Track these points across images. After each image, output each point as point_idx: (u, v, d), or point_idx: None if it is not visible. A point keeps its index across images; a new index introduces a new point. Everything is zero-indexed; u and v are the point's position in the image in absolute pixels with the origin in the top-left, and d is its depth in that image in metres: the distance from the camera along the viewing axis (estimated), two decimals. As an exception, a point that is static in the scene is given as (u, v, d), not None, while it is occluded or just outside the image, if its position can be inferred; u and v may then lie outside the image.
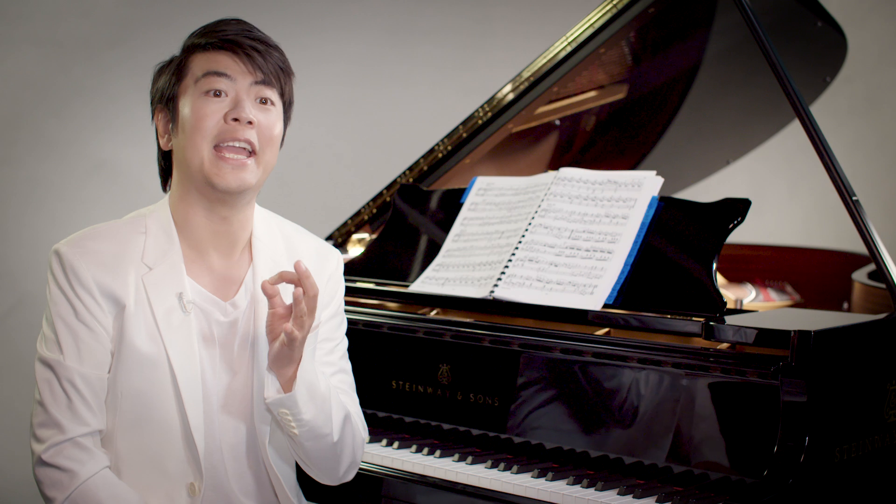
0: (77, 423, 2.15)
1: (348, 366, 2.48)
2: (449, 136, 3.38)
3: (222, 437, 2.26)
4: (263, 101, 2.22)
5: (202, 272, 2.26)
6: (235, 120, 2.18)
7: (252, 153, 2.21)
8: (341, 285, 2.46)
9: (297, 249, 2.38)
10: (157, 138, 2.29)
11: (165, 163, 2.31)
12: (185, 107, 2.20)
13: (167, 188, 2.32)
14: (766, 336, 2.37)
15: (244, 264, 2.31)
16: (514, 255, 2.78)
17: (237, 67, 2.19)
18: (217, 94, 2.18)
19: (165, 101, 2.23)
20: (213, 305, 2.25)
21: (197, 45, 2.21)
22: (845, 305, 3.68)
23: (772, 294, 3.71)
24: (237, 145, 2.19)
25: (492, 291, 2.74)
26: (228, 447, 2.27)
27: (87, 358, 2.17)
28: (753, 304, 3.47)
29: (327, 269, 2.42)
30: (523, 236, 2.80)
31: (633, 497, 2.38)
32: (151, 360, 2.19)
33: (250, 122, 2.19)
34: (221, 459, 2.27)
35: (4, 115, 4.50)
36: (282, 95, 2.25)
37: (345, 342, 2.48)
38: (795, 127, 3.15)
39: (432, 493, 2.56)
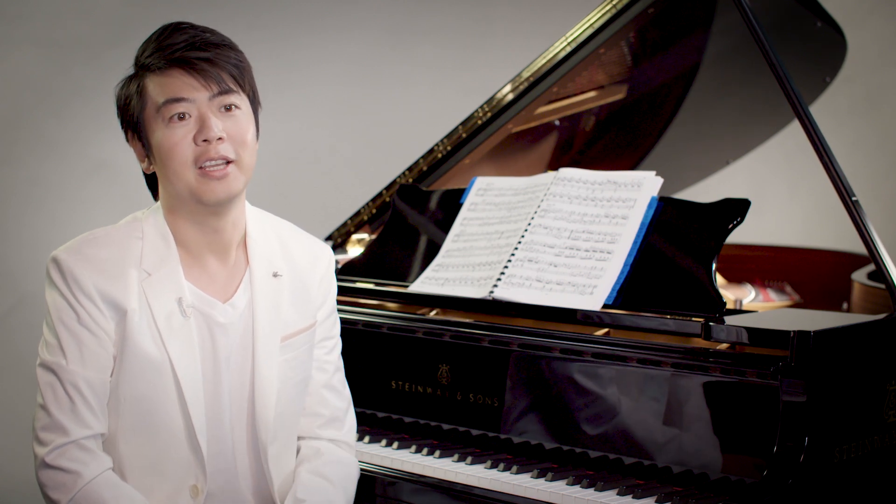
0: (80, 426, 2.15)
1: (342, 363, 2.50)
2: (448, 136, 3.38)
3: (233, 437, 2.27)
4: (228, 107, 2.21)
5: (200, 275, 2.27)
6: (205, 141, 2.18)
7: (230, 161, 2.21)
8: (334, 284, 2.47)
9: (290, 248, 2.39)
10: (137, 159, 2.28)
11: (150, 178, 2.31)
12: (154, 137, 2.20)
13: (157, 197, 2.32)
14: (766, 336, 2.37)
15: (241, 264, 2.32)
16: (513, 255, 2.78)
17: (192, 87, 2.17)
18: (181, 116, 2.18)
19: (134, 128, 2.23)
20: (212, 307, 2.26)
21: (148, 66, 2.20)
22: (845, 306, 3.68)
23: (771, 294, 3.70)
24: (215, 163, 2.19)
25: (491, 292, 2.74)
26: (235, 446, 2.28)
27: (91, 361, 2.17)
28: (753, 305, 3.47)
29: (320, 267, 2.43)
30: (523, 236, 2.80)
31: (633, 497, 2.38)
32: (154, 365, 2.19)
33: (220, 139, 2.18)
34: (232, 459, 2.28)
35: (4, 115, 4.51)
36: (244, 90, 2.24)
37: (339, 339, 2.49)
38: (795, 127, 3.14)
39: (432, 494, 2.56)
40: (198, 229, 2.26)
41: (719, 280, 2.66)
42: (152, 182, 2.32)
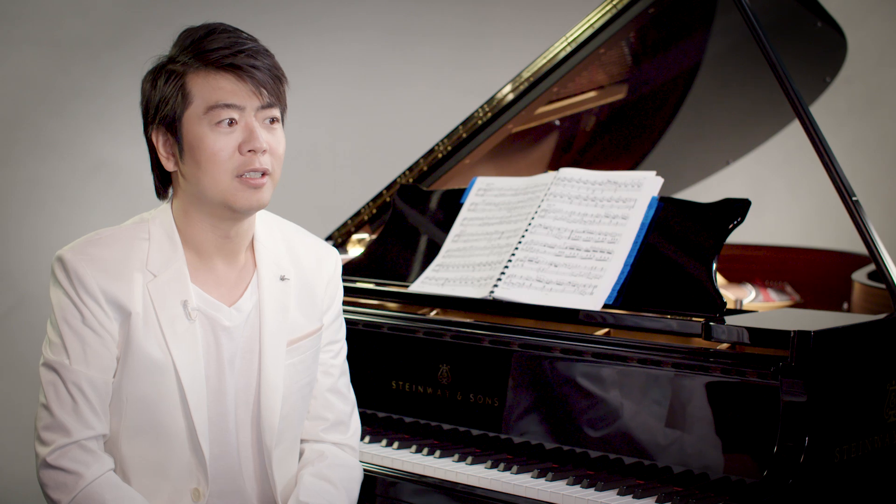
0: (82, 426, 2.15)
1: (347, 366, 2.50)
2: (449, 136, 3.38)
3: (237, 440, 2.27)
4: (272, 120, 2.22)
5: (206, 278, 2.27)
6: (251, 151, 2.18)
7: (267, 173, 2.22)
8: (340, 287, 2.47)
9: (296, 251, 2.39)
10: (151, 152, 2.26)
11: (161, 175, 2.28)
12: (196, 137, 2.17)
13: (161, 196, 2.31)
14: (766, 336, 2.37)
15: (248, 268, 2.32)
16: (513, 255, 2.78)
17: (243, 93, 2.18)
18: (230, 122, 2.18)
19: (169, 125, 2.20)
20: (218, 311, 2.25)
21: (191, 65, 2.18)
22: (845, 305, 3.68)
23: (772, 294, 3.71)
24: (255, 173, 2.20)
25: (492, 292, 2.75)
26: (240, 449, 2.28)
27: (94, 362, 2.17)
28: (753, 305, 3.47)
29: (326, 271, 2.42)
30: (523, 236, 2.80)
31: (633, 497, 2.38)
32: (158, 367, 2.19)
33: (264, 150, 2.19)
34: (236, 461, 2.28)
35: (4, 116, 4.50)
36: (281, 103, 2.25)
37: (345, 343, 2.49)
38: (795, 127, 3.14)
39: (432, 494, 2.56)
40: (212, 232, 2.25)
41: (720, 280, 2.66)
42: (163, 179, 2.29)
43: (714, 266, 2.55)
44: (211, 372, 2.24)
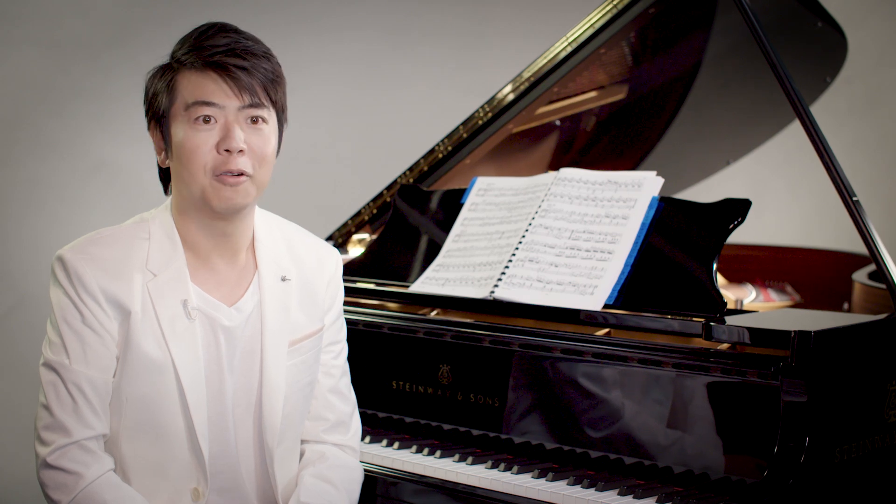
0: (82, 426, 2.15)
1: (348, 367, 2.50)
2: (449, 136, 3.38)
3: (237, 440, 2.27)
4: (254, 120, 2.20)
5: (207, 277, 2.27)
6: (227, 150, 2.17)
7: (245, 174, 2.20)
8: (341, 287, 2.46)
9: (297, 251, 2.39)
10: (155, 151, 2.28)
11: (163, 172, 2.30)
12: (177, 133, 2.19)
13: (168, 191, 2.32)
14: (767, 336, 2.37)
15: (249, 268, 2.32)
16: (514, 255, 2.78)
17: (224, 93, 2.17)
18: (206, 120, 2.17)
19: (157, 119, 2.22)
20: (218, 310, 2.25)
21: (183, 63, 2.19)
22: (845, 306, 3.68)
23: (772, 294, 3.70)
24: (231, 173, 2.19)
25: (492, 292, 2.75)
26: (239, 449, 2.28)
27: (94, 362, 2.17)
28: (753, 305, 3.47)
29: (327, 271, 2.42)
30: (523, 237, 2.80)
31: (634, 497, 2.38)
32: (157, 366, 2.19)
33: (241, 151, 2.18)
34: (236, 461, 2.28)
35: (4, 116, 4.50)
36: (274, 104, 2.23)
37: (346, 344, 2.49)
38: (795, 127, 3.15)
39: (432, 494, 2.56)
40: (206, 232, 2.25)
41: (720, 280, 2.66)
42: (166, 176, 2.30)
43: (714, 266, 2.55)
44: (211, 371, 2.24)
